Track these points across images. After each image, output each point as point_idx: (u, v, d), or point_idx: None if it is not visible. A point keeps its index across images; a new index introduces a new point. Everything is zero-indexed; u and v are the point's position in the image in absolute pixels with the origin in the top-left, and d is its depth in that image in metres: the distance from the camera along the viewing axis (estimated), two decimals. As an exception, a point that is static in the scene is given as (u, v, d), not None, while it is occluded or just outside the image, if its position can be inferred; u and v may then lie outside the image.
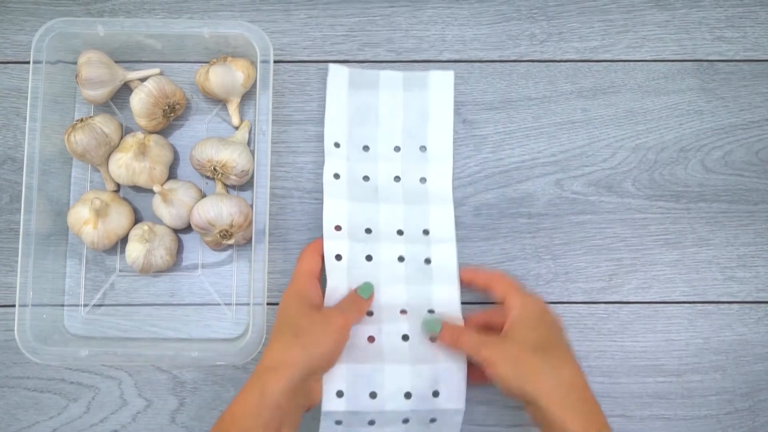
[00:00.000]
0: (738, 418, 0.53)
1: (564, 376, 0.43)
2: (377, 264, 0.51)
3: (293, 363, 0.43)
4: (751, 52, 0.58)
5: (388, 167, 0.54)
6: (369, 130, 0.55)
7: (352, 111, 0.55)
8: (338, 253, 0.50)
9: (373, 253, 0.51)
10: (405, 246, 0.52)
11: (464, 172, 0.56)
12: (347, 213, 0.52)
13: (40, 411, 0.53)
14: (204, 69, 0.54)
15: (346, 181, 0.53)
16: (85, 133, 0.51)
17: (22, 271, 0.50)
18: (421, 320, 0.49)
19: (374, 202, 0.52)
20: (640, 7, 0.59)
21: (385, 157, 0.54)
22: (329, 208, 0.51)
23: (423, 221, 0.53)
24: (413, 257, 0.52)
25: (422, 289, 0.51)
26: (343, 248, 0.50)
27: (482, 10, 0.59)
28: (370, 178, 0.53)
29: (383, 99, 0.55)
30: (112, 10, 0.58)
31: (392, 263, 0.51)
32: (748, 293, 0.55)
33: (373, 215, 0.52)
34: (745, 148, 0.57)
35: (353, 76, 0.56)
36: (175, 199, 0.52)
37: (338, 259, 0.50)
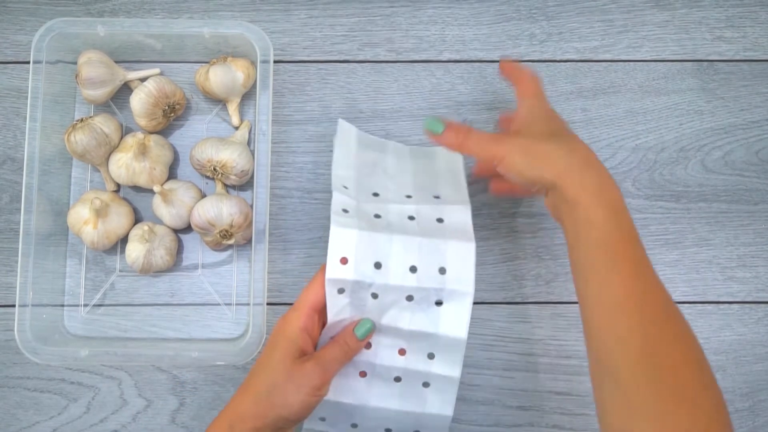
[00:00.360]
0: (738, 418, 0.53)
1: (577, 154, 0.42)
2: (382, 304, 0.46)
3: (262, 418, 0.42)
4: (751, 52, 0.58)
5: (400, 208, 0.49)
6: (378, 180, 0.51)
7: (359, 163, 0.52)
8: (342, 287, 0.45)
9: (380, 292, 0.46)
10: (416, 285, 0.46)
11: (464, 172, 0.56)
12: (355, 243, 0.46)
13: (40, 411, 0.53)
14: (204, 69, 0.54)
15: (356, 215, 0.47)
16: (85, 133, 0.51)
17: (22, 271, 0.50)
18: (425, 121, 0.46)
19: (387, 233, 0.47)
20: (640, 7, 0.59)
21: (396, 201, 0.50)
22: (336, 237, 0.46)
23: (439, 259, 0.47)
24: (424, 298, 0.46)
25: (427, 325, 0.47)
26: (347, 282, 0.45)
27: (482, 10, 0.59)
28: (381, 216, 0.48)
29: (390, 162, 0.53)
30: (112, 10, 0.58)
31: (399, 302, 0.46)
32: (748, 293, 0.55)
33: (384, 246, 0.47)
34: (745, 148, 0.57)
35: (361, 137, 0.54)
36: (175, 199, 0.52)
37: (341, 292, 0.46)
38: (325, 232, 0.55)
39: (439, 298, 0.45)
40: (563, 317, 0.54)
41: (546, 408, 0.53)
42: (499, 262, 0.55)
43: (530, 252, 0.55)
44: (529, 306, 0.55)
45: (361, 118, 0.57)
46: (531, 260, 0.55)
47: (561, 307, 0.55)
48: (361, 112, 0.57)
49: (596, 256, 0.40)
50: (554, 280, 0.55)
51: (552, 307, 0.55)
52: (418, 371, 0.47)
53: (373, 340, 0.47)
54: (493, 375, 0.54)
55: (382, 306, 0.46)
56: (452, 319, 0.45)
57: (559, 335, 0.54)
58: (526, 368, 0.54)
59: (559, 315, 0.54)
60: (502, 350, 0.54)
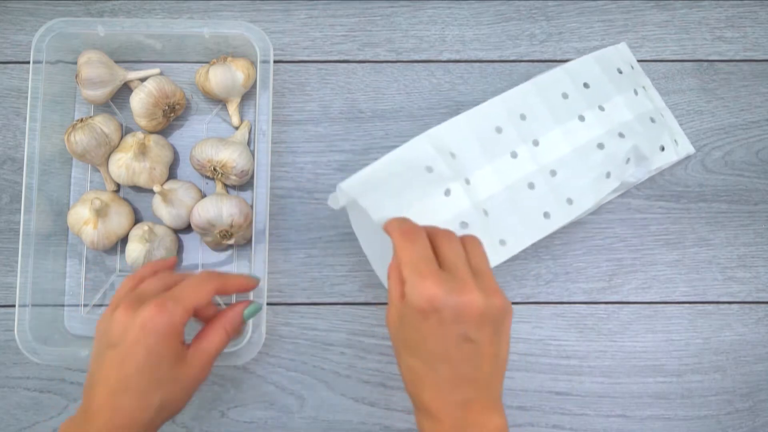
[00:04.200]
0: (738, 418, 0.53)
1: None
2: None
3: (140, 418, 0.39)
4: (751, 52, 0.58)
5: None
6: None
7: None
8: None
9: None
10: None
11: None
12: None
13: (40, 411, 0.53)
14: (204, 69, 0.54)
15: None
16: (85, 133, 0.51)
17: (22, 271, 0.50)
18: None
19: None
20: (640, 7, 0.59)
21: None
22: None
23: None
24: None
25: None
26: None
27: (482, 10, 0.59)
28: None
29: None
30: (112, 10, 0.58)
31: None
32: (748, 293, 0.55)
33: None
34: (745, 148, 0.57)
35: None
36: (175, 199, 0.52)
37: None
38: (325, 232, 0.55)
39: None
40: (563, 317, 0.54)
41: (546, 408, 0.53)
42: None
43: (530, 252, 0.55)
44: (529, 306, 0.55)
45: (361, 118, 0.57)
46: (531, 260, 0.55)
47: (561, 307, 0.55)
48: (361, 112, 0.57)
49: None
50: (554, 280, 0.55)
51: (552, 307, 0.55)
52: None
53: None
54: (493, 375, 0.54)
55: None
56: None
57: (559, 335, 0.54)
58: (526, 368, 0.54)
59: (559, 315, 0.54)
60: (502, 350, 0.54)
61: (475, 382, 0.38)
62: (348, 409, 0.53)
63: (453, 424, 0.37)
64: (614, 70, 0.52)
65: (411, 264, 0.38)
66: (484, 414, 0.38)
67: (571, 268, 0.55)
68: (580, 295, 0.55)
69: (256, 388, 0.53)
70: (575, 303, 0.55)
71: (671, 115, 0.56)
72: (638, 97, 0.52)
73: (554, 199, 0.47)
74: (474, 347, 0.37)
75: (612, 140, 0.49)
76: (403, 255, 0.38)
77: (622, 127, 0.50)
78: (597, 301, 0.55)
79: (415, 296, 0.37)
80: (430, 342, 0.37)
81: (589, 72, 0.51)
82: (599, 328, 0.54)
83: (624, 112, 0.51)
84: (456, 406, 0.37)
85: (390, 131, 0.57)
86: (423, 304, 0.36)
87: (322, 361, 0.53)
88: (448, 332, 0.37)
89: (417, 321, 0.37)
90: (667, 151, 0.53)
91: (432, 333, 0.37)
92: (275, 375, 0.53)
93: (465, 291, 0.37)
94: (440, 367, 0.37)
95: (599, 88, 0.51)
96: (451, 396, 0.38)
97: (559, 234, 0.55)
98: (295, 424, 0.53)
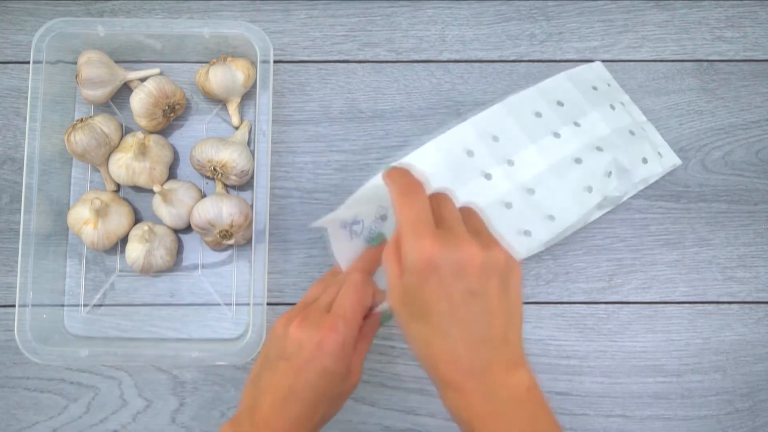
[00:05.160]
0: (738, 418, 0.53)
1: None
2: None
3: (305, 427, 0.40)
4: (751, 52, 0.58)
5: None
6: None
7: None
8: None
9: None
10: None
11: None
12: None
13: (40, 411, 0.53)
14: (204, 69, 0.54)
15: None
16: (85, 133, 0.51)
17: (22, 271, 0.50)
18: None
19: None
20: (640, 7, 0.59)
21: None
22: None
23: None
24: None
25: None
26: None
27: (482, 10, 0.59)
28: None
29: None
30: (112, 10, 0.58)
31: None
32: (748, 293, 0.55)
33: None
34: (745, 148, 0.57)
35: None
36: (175, 199, 0.52)
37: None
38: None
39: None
40: (563, 317, 0.54)
41: (546, 408, 0.53)
42: (499, 262, 0.55)
43: (530, 252, 0.55)
44: (529, 306, 0.55)
45: (361, 117, 0.57)
46: (531, 260, 0.55)
47: (561, 307, 0.55)
48: (361, 112, 0.57)
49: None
50: (554, 280, 0.55)
51: (552, 307, 0.55)
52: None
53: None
54: (493, 375, 0.54)
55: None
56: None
57: (559, 335, 0.54)
58: (526, 368, 0.54)
59: (559, 315, 0.54)
60: (502, 350, 0.54)
61: (490, 342, 0.36)
62: (348, 409, 0.53)
63: (478, 390, 0.35)
64: (588, 87, 0.52)
65: (409, 225, 0.36)
66: (508, 373, 0.36)
67: (571, 268, 0.55)
68: (580, 295, 0.55)
69: (256, 388, 0.53)
70: (575, 303, 0.55)
71: (653, 129, 0.55)
72: (616, 112, 0.52)
73: (534, 216, 0.46)
74: (481, 302, 0.35)
75: (589, 154, 0.49)
76: (402, 214, 0.37)
77: (599, 141, 0.49)
78: (597, 301, 0.55)
79: (413, 258, 0.35)
80: (436, 304, 0.35)
81: (563, 90, 0.50)
82: (599, 328, 0.54)
83: (601, 127, 0.50)
84: (476, 371, 0.35)
85: (390, 131, 0.57)
86: (422, 264, 0.35)
87: (322, 361, 0.53)
88: (452, 290, 0.35)
89: (419, 285, 0.36)
90: (651, 163, 0.52)
91: (436, 294, 0.35)
92: (275, 375, 0.53)
93: (462, 246, 0.35)
94: (451, 331, 0.36)
95: (573, 104, 0.50)
96: (469, 361, 0.36)
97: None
98: (295, 424, 0.53)
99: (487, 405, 0.35)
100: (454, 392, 0.36)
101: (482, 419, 0.35)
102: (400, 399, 0.53)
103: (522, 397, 0.36)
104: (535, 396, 0.37)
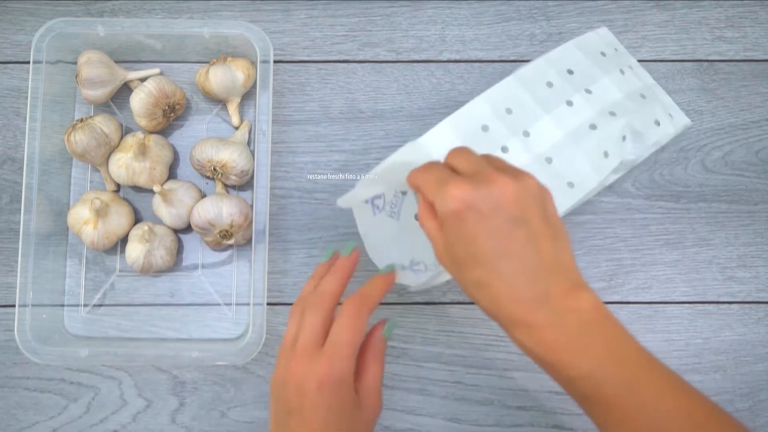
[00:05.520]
0: (738, 418, 0.53)
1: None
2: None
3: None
4: (751, 52, 0.58)
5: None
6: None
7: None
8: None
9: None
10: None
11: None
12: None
13: (40, 411, 0.53)
14: (204, 69, 0.54)
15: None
16: (85, 133, 0.51)
17: (22, 271, 0.50)
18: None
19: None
20: (640, 7, 0.59)
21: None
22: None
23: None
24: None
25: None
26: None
27: (482, 10, 0.59)
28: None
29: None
30: (112, 10, 0.58)
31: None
32: (748, 293, 0.55)
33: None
34: (745, 148, 0.57)
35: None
36: (175, 199, 0.52)
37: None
38: (325, 232, 0.55)
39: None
40: (563, 317, 0.54)
41: (546, 408, 0.53)
42: (499, 262, 0.55)
43: (530, 252, 0.55)
44: (529, 306, 0.54)
45: (361, 117, 0.57)
46: (531, 260, 0.55)
47: (561, 307, 0.55)
48: (361, 112, 0.57)
49: None
50: (554, 280, 0.55)
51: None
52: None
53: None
54: (493, 375, 0.54)
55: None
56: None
57: (559, 335, 0.54)
58: (526, 368, 0.54)
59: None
60: (502, 350, 0.54)
61: (545, 268, 0.35)
62: (348, 409, 0.53)
63: (546, 322, 0.34)
64: (597, 53, 0.52)
65: (433, 182, 0.36)
66: (571, 296, 0.35)
67: (571, 268, 0.55)
68: (580, 295, 0.55)
69: (256, 388, 0.53)
70: (575, 303, 0.55)
71: (663, 90, 0.55)
72: (625, 76, 0.52)
73: (554, 186, 0.47)
74: (526, 230, 0.35)
75: (604, 120, 0.49)
76: (425, 182, 0.37)
77: (612, 106, 0.50)
78: (597, 301, 0.55)
79: (447, 204, 0.35)
80: (481, 241, 0.35)
81: (571, 58, 0.51)
82: (599, 328, 0.54)
83: (613, 92, 0.50)
84: (539, 301, 0.35)
85: (390, 131, 0.57)
86: (456, 205, 0.35)
87: (322, 361, 0.53)
88: (493, 224, 0.35)
89: (459, 229, 0.35)
90: (663, 125, 0.52)
91: (478, 230, 0.35)
92: (275, 375, 0.53)
93: (492, 179, 0.35)
94: (504, 266, 0.35)
95: (583, 72, 0.50)
96: (530, 292, 0.35)
97: (559, 234, 0.55)
98: (295, 424, 0.53)
99: (558, 335, 0.35)
100: (522, 330, 0.35)
101: (557, 351, 0.35)
102: (400, 399, 0.53)
103: (591, 319, 0.35)
104: (602, 314, 0.36)
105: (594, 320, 0.35)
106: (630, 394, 0.34)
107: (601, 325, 0.36)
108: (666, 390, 0.35)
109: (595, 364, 0.35)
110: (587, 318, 0.35)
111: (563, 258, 0.36)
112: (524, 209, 0.35)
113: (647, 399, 0.35)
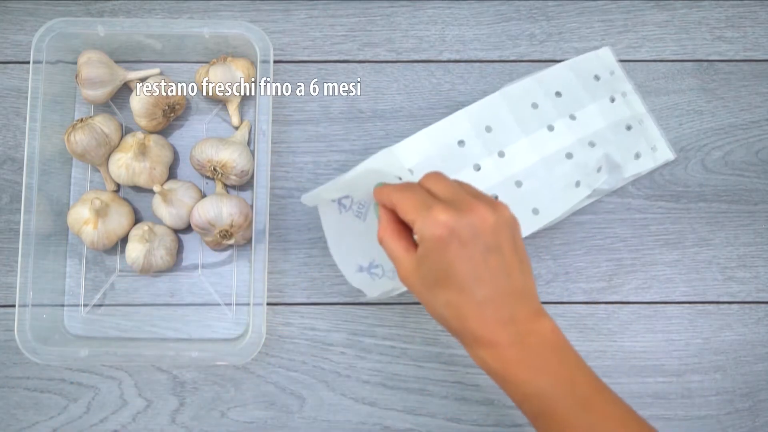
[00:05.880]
0: (738, 418, 0.53)
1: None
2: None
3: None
4: (751, 52, 0.58)
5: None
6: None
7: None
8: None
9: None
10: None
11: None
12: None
13: (40, 411, 0.53)
14: (204, 69, 0.54)
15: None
16: (85, 133, 0.51)
17: (22, 271, 0.50)
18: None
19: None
20: (640, 7, 0.59)
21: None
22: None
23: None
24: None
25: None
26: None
27: (482, 10, 0.59)
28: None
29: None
30: (112, 10, 0.58)
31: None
32: (748, 293, 0.55)
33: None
34: (745, 148, 0.57)
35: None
36: (175, 199, 0.52)
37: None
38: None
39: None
40: (563, 317, 0.54)
41: (546, 408, 0.53)
42: (499, 262, 0.55)
43: (530, 252, 0.55)
44: (529, 306, 0.55)
45: (361, 117, 0.57)
46: (531, 260, 0.55)
47: (561, 307, 0.55)
48: (361, 112, 0.57)
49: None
50: (554, 280, 0.55)
51: (552, 307, 0.55)
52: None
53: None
54: (493, 375, 0.54)
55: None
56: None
57: (559, 335, 0.54)
58: (526, 368, 0.54)
59: (559, 315, 0.54)
60: (502, 350, 0.54)
61: (513, 294, 0.38)
62: (348, 409, 0.53)
63: (510, 341, 0.38)
64: (590, 77, 0.52)
65: (415, 204, 0.39)
66: (534, 321, 0.39)
67: (571, 268, 0.55)
68: (580, 295, 0.55)
69: (256, 388, 0.53)
70: (575, 303, 0.55)
71: (652, 122, 0.55)
72: (614, 105, 0.52)
73: (519, 211, 0.47)
74: (499, 258, 0.38)
75: (582, 149, 0.49)
76: (404, 202, 0.39)
77: (593, 135, 0.50)
78: (597, 301, 0.55)
79: (429, 229, 0.38)
80: (459, 266, 0.37)
81: (563, 80, 0.51)
82: (599, 328, 0.54)
83: (596, 120, 0.50)
84: (505, 323, 0.38)
85: (390, 131, 0.57)
86: (440, 231, 0.37)
87: (322, 361, 0.53)
88: (472, 250, 0.37)
89: (439, 252, 0.38)
90: (643, 159, 0.53)
91: (458, 256, 0.37)
92: (275, 375, 0.53)
93: (473, 209, 0.38)
94: (476, 289, 0.38)
95: (572, 96, 0.50)
96: (497, 314, 0.38)
97: (559, 234, 0.55)
98: (295, 424, 0.53)
99: (518, 353, 0.38)
100: (485, 346, 0.38)
101: (515, 366, 0.38)
102: (400, 399, 0.53)
103: (550, 341, 0.39)
104: (561, 339, 0.39)
105: (553, 343, 0.39)
106: (582, 413, 0.38)
107: (560, 348, 0.39)
108: (616, 414, 0.39)
109: (551, 381, 0.38)
110: (547, 340, 0.39)
111: (529, 285, 0.39)
112: (499, 239, 0.38)
113: (598, 420, 0.38)
